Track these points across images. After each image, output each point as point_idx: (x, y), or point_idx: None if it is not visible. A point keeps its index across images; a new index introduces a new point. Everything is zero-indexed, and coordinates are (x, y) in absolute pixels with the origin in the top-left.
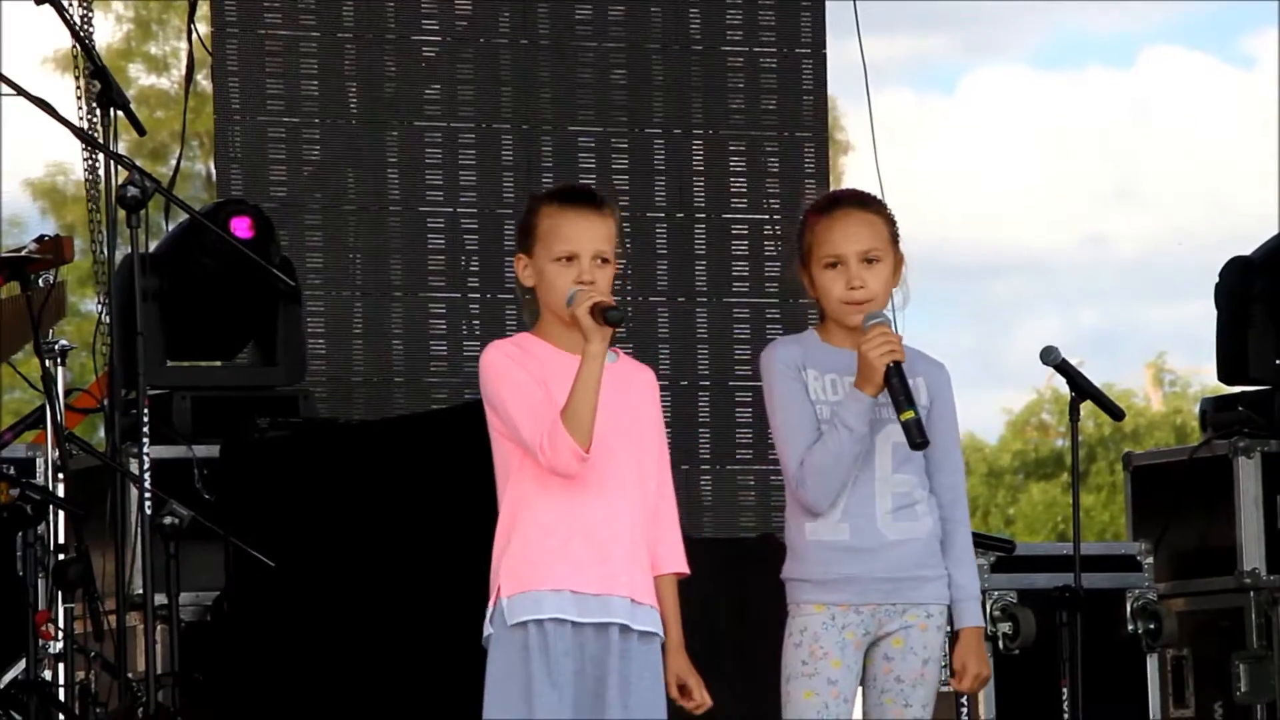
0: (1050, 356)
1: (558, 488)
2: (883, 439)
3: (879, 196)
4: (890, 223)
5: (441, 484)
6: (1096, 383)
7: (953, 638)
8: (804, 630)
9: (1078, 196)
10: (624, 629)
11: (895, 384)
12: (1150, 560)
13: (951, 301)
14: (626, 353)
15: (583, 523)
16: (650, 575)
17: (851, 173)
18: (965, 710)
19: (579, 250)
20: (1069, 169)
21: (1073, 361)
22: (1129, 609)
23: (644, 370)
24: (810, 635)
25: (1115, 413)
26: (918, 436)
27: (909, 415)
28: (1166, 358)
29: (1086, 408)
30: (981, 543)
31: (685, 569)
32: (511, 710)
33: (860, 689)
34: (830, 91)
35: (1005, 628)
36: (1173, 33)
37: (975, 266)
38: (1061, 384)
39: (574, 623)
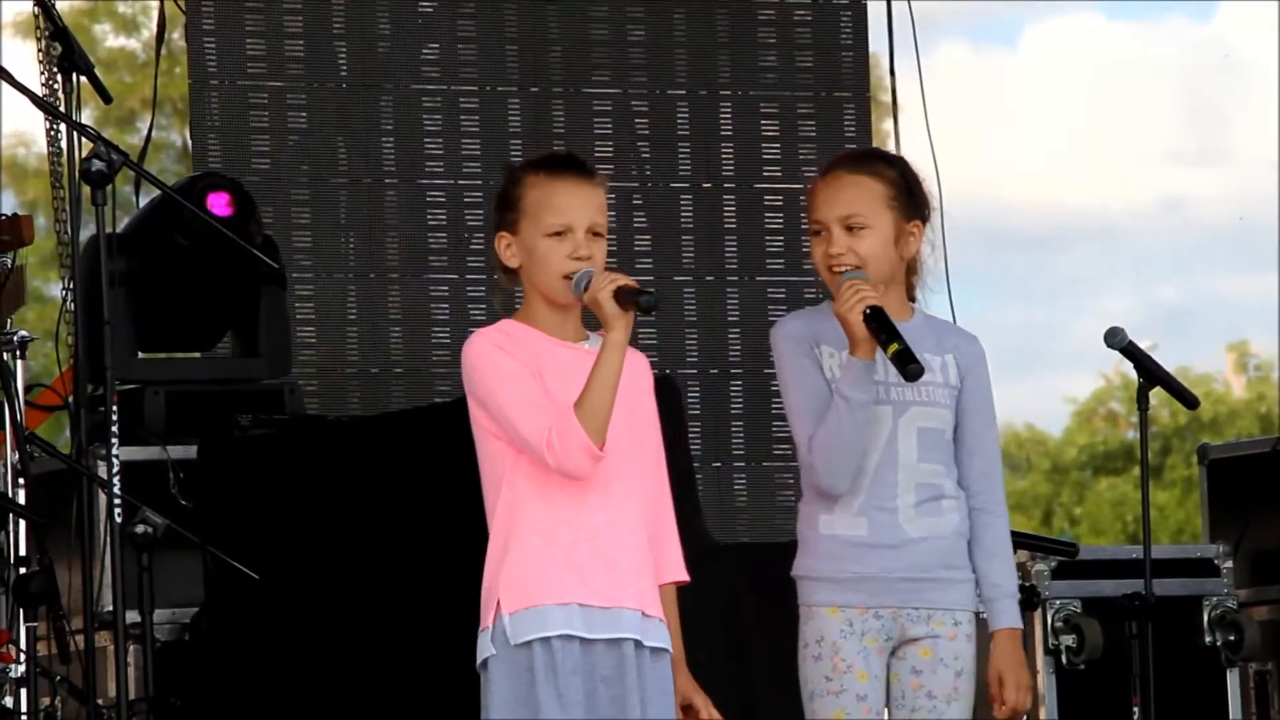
0: (1115, 339)
1: (558, 490)
2: (907, 423)
3: (896, 154)
4: (892, 184)
5: (444, 485)
6: (1172, 366)
7: (986, 643)
8: (821, 640)
9: (1155, 158)
10: (637, 644)
11: (873, 326)
12: (1229, 564)
13: (1012, 275)
14: (649, 339)
15: (586, 529)
16: (656, 585)
17: (901, 135)
18: None
19: (573, 223)
20: (1145, 128)
21: (1143, 344)
22: (1206, 618)
23: (637, 357)
24: (830, 646)
25: (1189, 400)
26: (908, 363)
27: (895, 348)
28: (1250, 339)
29: (1160, 395)
30: (1042, 546)
31: (686, 576)
32: None
33: (885, 708)
34: (876, 47)
35: (1069, 640)
36: None
37: (1040, 236)
38: (1132, 368)
39: (583, 639)
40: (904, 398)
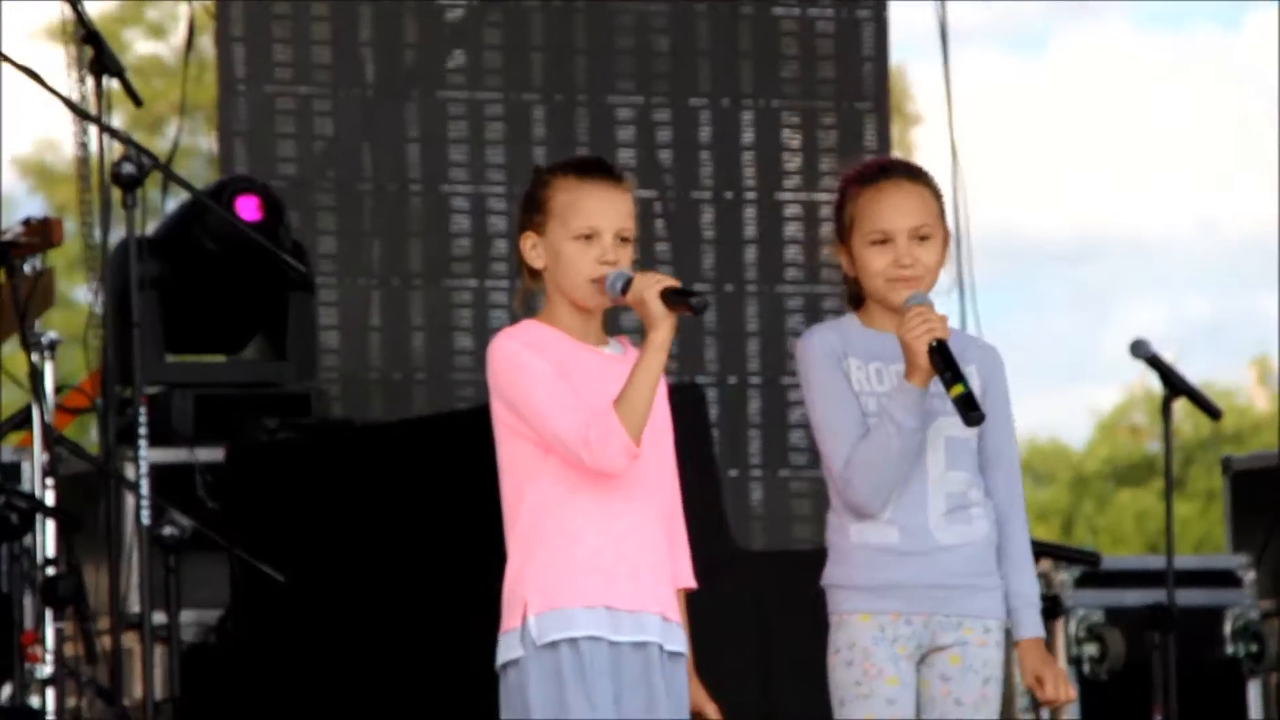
0: (1140, 350)
1: (586, 492)
2: (934, 433)
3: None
4: (938, 196)
5: (467, 491)
6: (1198, 379)
7: (1017, 652)
8: (852, 645)
9: (1187, 170)
10: (659, 649)
11: (939, 362)
12: (1251, 575)
13: (1037, 288)
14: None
15: (611, 532)
16: (675, 590)
17: (924, 147)
18: None
19: (601, 227)
20: (1176, 140)
21: (1167, 356)
22: (1228, 629)
23: None
24: (860, 651)
25: (1212, 412)
26: (971, 409)
27: (958, 390)
28: (1273, 353)
29: (1184, 407)
30: (1064, 555)
31: (694, 583)
32: None
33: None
34: (900, 56)
35: (1091, 650)
36: None
37: (1067, 249)
38: (1156, 380)
39: (610, 642)
40: (933, 408)
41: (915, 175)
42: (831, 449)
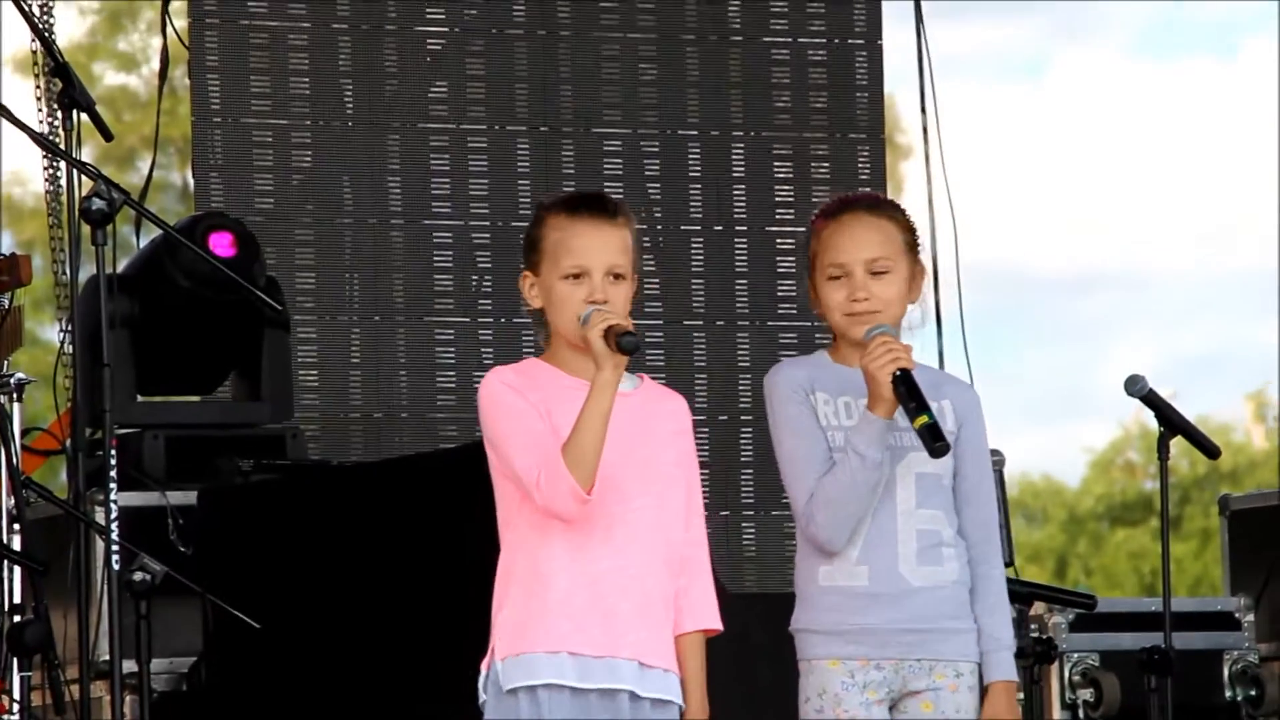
0: (1135, 386)
1: (558, 534)
2: (904, 469)
3: (896, 200)
4: (907, 229)
5: (449, 534)
6: (1194, 415)
7: (980, 696)
8: (822, 693)
9: (1184, 200)
10: (634, 696)
11: (903, 392)
12: (1250, 617)
13: (1031, 322)
14: (659, 383)
15: (585, 575)
16: (669, 634)
17: (916, 179)
18: None
19: (589, 265)
20: (1174, 169)
21: (1163, 392)
22: (1227, 673)
23: (673, 398)
24: (831, 698)
25: (1210, 450)
26: (935, 440)
27: (923, 420)
28: (1270, 387)
29: (1179, 445)
30: (1059, 598)
31: (716, 624)
32: None
33: None
34: (892, 87)
35: (1086, 694)
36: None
37: (1062, 281)
38: (1151, 417)
39: (573, 689)
40: (902, 443)
41: (877, 208)
42: (795, 484)
